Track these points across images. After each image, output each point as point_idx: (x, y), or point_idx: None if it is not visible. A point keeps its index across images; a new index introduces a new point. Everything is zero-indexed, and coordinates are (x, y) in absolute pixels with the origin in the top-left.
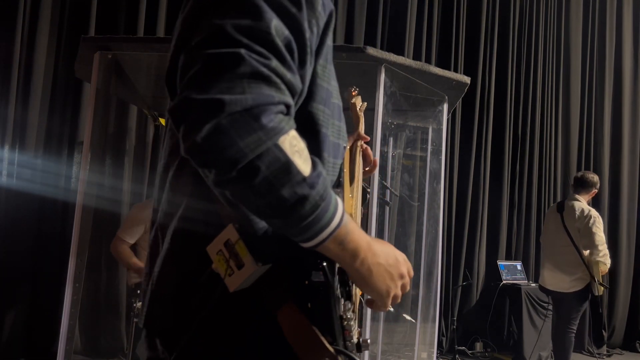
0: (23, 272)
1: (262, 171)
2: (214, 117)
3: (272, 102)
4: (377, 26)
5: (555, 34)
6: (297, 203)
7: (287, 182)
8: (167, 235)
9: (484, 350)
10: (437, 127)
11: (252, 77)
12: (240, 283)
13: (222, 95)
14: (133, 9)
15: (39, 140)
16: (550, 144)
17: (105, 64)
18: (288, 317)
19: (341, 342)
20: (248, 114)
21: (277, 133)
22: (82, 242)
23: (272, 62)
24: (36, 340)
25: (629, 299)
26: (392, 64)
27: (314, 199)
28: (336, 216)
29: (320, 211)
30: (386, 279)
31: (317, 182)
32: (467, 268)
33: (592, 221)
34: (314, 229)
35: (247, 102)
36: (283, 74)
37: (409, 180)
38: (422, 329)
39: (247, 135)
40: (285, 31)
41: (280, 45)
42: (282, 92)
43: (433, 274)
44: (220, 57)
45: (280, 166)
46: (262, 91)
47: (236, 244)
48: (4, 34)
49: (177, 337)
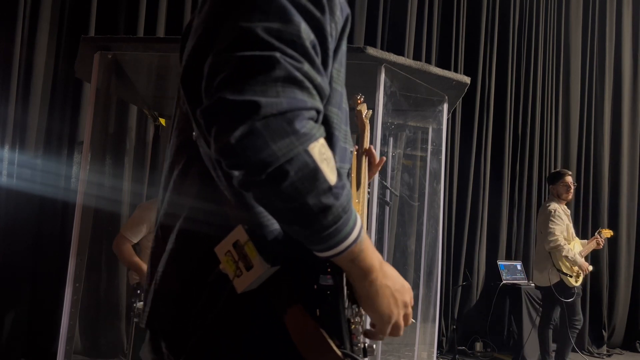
0: (23, 272)
1: (291, 176)
2: (249, 119)
3: (305, 107)
4: (377, 26)
5: (555, 34)
6: (321, 212)
7: (314, 190)
8: (172, 235)
9: (484, 350)
10: (437, 127)
11: (287, 81)
12: (249, 284)
13: (257, 98)
14: (133, 9)
15: (39, 140)
16: (550, 144)
17: (105, 64)
18: (295, 320)
19: (348, 346)
20: (282, 117)
21: (309, 139)
22: (82, 242)
23: (304, 66)
24: (36, 340)
25: (629, 298)
26: (392, 64)
27: (337, 210)
28: (354, 231)
29: (341, 224)
30: (391, 303)
31: (341, 194)
32: (467, 268)
33: (548, 213)
34: (332, 241)
35: (282, 105)
36: (314, 78)
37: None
38: (422, 329)
39: (280, 139)
40: (312, 35)
41: (310, 49)
42: (314, 97)
43: (433, 274)
44: (254, 60)
45: (309, 172)
46: (296, 96)
47: (245, 245)
48: (4, 34)
49: (183, 340)
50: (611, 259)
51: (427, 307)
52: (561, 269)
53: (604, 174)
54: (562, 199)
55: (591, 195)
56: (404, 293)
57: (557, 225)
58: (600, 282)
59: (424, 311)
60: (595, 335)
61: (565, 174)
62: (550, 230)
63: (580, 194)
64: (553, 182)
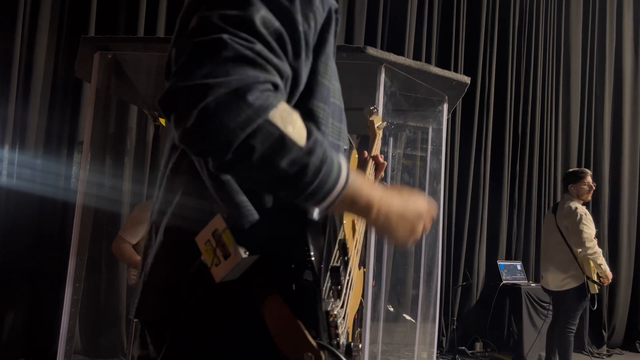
0: (23, 272)
1: (258, 149)
2: (200, 102)
3: (257, 81)
4: (377, 26)
5: (555, 34)
6: (299, 172)
7: (285, 154)
8: (161, 228)
9: (484, 350)
10: (437, 127)
11: (236, 60)
12: (227, 273)
13: (205, 80)
14: (133, 9)
15: (39, 140)
16: (550, 144)
17: (105, 64)
18: (272, 309)
19: (325, 338)
20: (234, 94)
21: (266, 109)
22: (82, 242)
23: (256, 46)
24: (36, 340)
25: (629, 299)
26: (392, 64)
27: (314, 165)
28: (341, 176)
29: (323, 176)
30: (406, 227)
31: (314, 149)
32: (467, 268)
33: (579, 217)
34: (322, 193)
35: (231, 84)
36: (268, 57)
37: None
38: (422, 329)
39: (236, 115)
40: (276, 23)
41: (264, 33)
42: (269, 72)
43: (433, 274)
44: (203, 44)
45: (275, 140)
46: (247, 72)
47: (223, 234)
48: (4, 34)
49: (165, 331)
50: (611, 259)
51: (427, 307)
52: (591, 276)
53: (604, 174)
54: (581, 199)
55: (591, 195)
56: (417, 211)
57: (591, 229)
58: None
59: (424, 311)
60: (595, 335)
61: (587, 173)
62: (587, 236)
63: None
64: (575, 181)
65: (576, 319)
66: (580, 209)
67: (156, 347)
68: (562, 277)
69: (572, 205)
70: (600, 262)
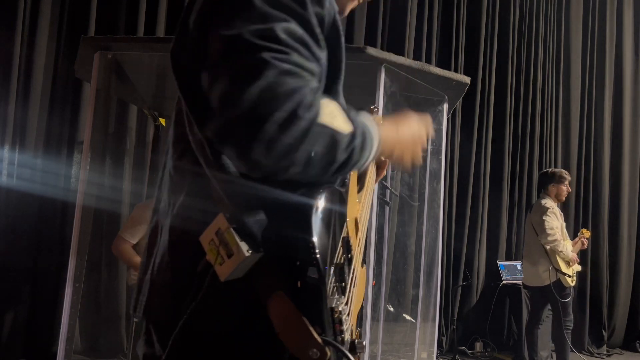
0: (23, 272)
1: (318, 153)
2: (259, 131)
3: (303, 93)
4: (377, 26)
5: (555, 34)
6: (353, 155)
7: (339, 147)
8: (165, 226)
9: (484, 350)
10: (437, 127)
11: (281, 77)
12: (231, 272)
13: (257, 106)
14: (133, 9)
15: (39, 140)
16: (550, 144)
17: (105, 64)
18: (277, 306)
19: (331, 335)
20: (288, 114)
21: (316, 115)
22: (82, 242)
23: (292, 57)
24: (36, 340)
25: (629, 298)
26: (392, 64)
27: (363, 142)
28: (375, 143)
29: (369, 144)
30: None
31: (358, 130)
32: (467, 268)
33: (544, 210)
34: (370, 155)
35: (282, 105)
36: (304, 65)
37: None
38: (422, 329)
39: (295, 133)
40: (300, 30)
41: (292, 41)
42: (307, 79)
43: (433, 274)
44: (245, 69)
45: (330, 140)
46: (290, 86)
47: (226, 232)
48: (4, 34)
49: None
50: (611, 259)
51: (427, 307)
52: (560, 268)
53: (604, 174)
54: (558, 199)
55: (591, 195)
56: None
57: (554, 221)
58: (600, 282)
59: (424, 311)
60: (595, 335)
61: (568, 177)
62: (548, 225)
63: (580, 194)
64: (558, 181)
65: (568, 314)
66: (548, 203)
67: (162, 346)
68: (539, 272)
69: (543, 201)
70: (560, 249)
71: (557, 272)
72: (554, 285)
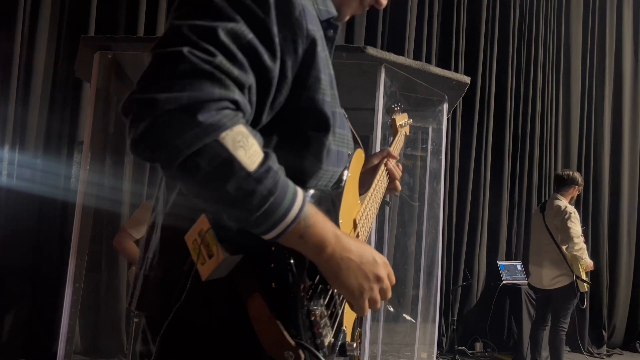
0: (23, 272)
1: (203, 167)
2: (149, 115)
3: (211, 99)
4: (377, 26)
5: (555, 34)
6: (244, 197)
7: (231, 178)
8: (160, 224)
9: (484, 350)
10: (437, 127)
11: (193, 75)
12: (211, 272)
13: (157, 94)
14: (133, 9)
15: (39, 140)
16: (550, 144)
17: (105, 64)
18: (253, 307)
19: (309, 337)
20: (184, 111)
21: (217, 129)
22: (82, 242)
23: (216, 59)
24: (36, 340)
25: (629, 299)
26: (392, 64)
27: (262, 193)
28: (293, 209)
29: (271, 205)
30: (358, 277)
31: (265, 177)
32: (467, 268)
33: (568, 216)
34: (268, 223)
35: (182, 100)
36: (229, 71)
37: (409, 180)
38: (422, 329)
39: (183, 132)
40: (249, 35)
41: (228, 44)
42: (226, 87)
43: (433, 274)
44: (163, 57)
45: (222, 162)
46: (202, 88)
47: (207, 233)
48: (4, 34)
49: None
50: (611, 259)
51: (427, 307)
52: (580, 275)
53: (604, 174)
54: (570, 203)
55: (591, 195)
56: (376, 267)
57: (578, 226)
58: (600, 282)
59: (424, 311)
60: (595, 335)
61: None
62: (575, 233)
63: (580, 194)
64: (575, 184)
65: (567, 317)
66: (569, 207)
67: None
68: (552, 276)
69: (562, 204)
70: (583, 257)
71: (576, 278)
72: (564, 289)
